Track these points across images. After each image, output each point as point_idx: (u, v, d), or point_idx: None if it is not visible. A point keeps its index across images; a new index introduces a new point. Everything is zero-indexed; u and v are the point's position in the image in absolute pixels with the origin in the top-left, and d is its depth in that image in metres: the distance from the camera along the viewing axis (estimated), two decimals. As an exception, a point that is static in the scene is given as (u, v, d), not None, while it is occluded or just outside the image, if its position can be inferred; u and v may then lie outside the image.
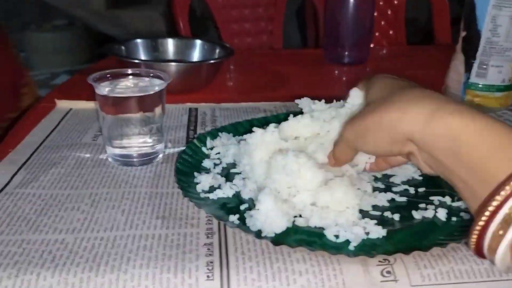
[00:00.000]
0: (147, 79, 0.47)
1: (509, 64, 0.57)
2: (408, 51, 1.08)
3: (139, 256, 0.31)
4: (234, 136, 0.49)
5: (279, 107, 0.62)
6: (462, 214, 0.36)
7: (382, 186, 0.41)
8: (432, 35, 1.20)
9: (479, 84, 0.59)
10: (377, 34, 1.28)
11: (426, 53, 0.97)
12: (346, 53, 0.83)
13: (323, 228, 0.34)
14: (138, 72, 0.48)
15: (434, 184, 0.41)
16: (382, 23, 1.28)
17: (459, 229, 0.35)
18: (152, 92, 0.44)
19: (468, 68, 0.59)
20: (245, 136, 0.42)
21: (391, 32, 1.28)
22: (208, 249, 0.32)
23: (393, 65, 0.86)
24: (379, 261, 0.31)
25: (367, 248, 0.32)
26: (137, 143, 0.45)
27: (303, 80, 0.77)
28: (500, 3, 0.54)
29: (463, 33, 0.59)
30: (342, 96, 0.42)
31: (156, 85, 0.45)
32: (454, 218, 0.36)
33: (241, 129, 0.51)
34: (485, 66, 0.58)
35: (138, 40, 0.72)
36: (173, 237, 0.33)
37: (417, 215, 0.37)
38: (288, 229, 0.34)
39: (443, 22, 1.17)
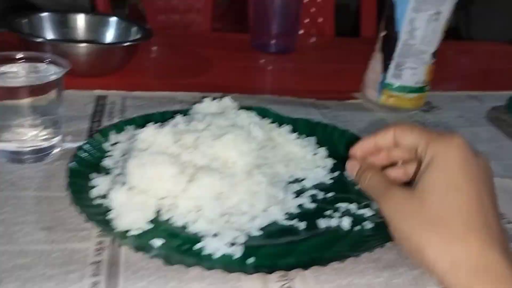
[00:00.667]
0: (42, 65, 0.42)
1: (423, 66, 0.59)
2: (335, 42, 1.08)
3: (14, 278, 0.28)
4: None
5: (198, 98, 0.59)
6: (364, 223, 0.36)
7: (295, 190, 0.40)
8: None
9: (394, 85, 0.60)
10: (306, 21, 1.28)
11: (352, 46, 0.98)
12: (273, 41, 0.81)
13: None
14: (32, 55, 0.42)
15: (342, 189, 0.41)
16: (312, 9, 1.28)
17: (361, 239, 0.35)
18: (45, 82, 0.39)
19: (385, 68, 0.60)
20: (137, 131, 0.39)
21: (320, 20, 1.28)
22: (96, 268, 0.29)
23: (319, 57, 0.86)
24: (279, 277, 0.30)
25: (268, 262, 0.31)
26: (27, 136, 0.40)
27: (227, 67, 0.74)
28: (419, 6, 0.55)
29: (382, 33, 0.60)
30: (262, 88, 0.41)
31: (52, 74, 0.40)
32: (357, 228, 0.36)
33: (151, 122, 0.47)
34: (401, 67, 0.59)
35: (44, 14, 0.65)
36: (57, 254, 0.30)
37: (322, 223, 0.36)
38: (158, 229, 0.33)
39: (370, 15, 1.19)
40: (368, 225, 0.36)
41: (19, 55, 0.42)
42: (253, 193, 0.37)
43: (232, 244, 0.33)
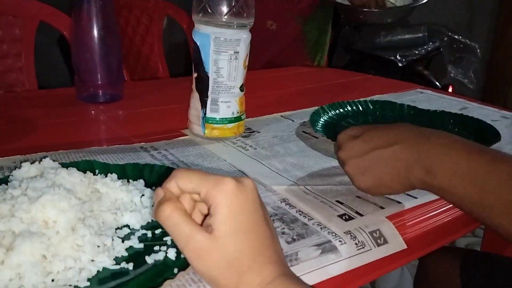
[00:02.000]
0: None
1: (235, 99, 0.67)
2: (169, 84, 1.14)
3: None
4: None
5: (18, 163, 0.57)
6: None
7: (123, 235, 0.43)
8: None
9: (214, 119, 0.67)
10: (138, 67, 1.32)
11: (184, 85, 1.04)
12: (99, 91, 0.83)
13: None
14: None
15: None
16: (142, 54, 1.32)
17: (187, 264, 0.38)
18: None
19: (203, 104, 0.66)
20: None
21: (152, 64, 1.33)
22: None
23: (149, 100, 0.90)
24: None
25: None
26: None
27: (53, 125, 0.73)
28: (218, 48, 0.63)
29: (194, 75, 0.66)
30: (91, 140, 0.42)
31: None
32: (183, 255, 0.40)
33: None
34: (216, 103, 0.66)
35: None
36: None
37: (149, 259, 0.39)
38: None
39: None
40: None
41: None
42: (78, 247, 0.38)
43: (59, 301, 0.33)
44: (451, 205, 0.52)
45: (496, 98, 2.69)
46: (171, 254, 0.40)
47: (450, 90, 1.69)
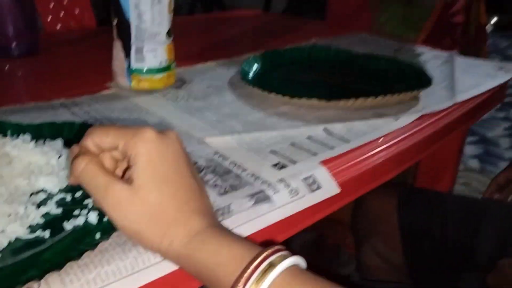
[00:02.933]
0: None
1: (162, 47, 0.62)
2: (93, 33, 1.05)
3: None
4: None
5: None
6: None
7: (39, 200, 0.39)
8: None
9: (140, 69, 0.62)
10: (61, 14, 1.20)
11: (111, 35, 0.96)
12: (13, 44, 0.75)
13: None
14: None
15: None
16: (65, 2, 1.20)
17: (110, 229, 0.36)
18: None
19: (127, 54, 0.61)
20: None
21: (77, 12, 1.22)
22: None
23: (71, 53, 0.83)
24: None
25: (7, 283, 0.30)
26: None
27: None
28: (139, -9, 0.57)
29: (114, 21, 0.60)
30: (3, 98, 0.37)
31: None
32: (105, 219, 0.37)
33: None
34: (141, 51, 0.61)
35: None
36: None
37: (68, 225, 0.36)
38: None
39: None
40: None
41: None
42: (-16, 218, 0.34)
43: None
44: (382, 147, 0.52)
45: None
46: (92, 218, 0.37)
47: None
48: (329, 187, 0.46)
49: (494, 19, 3.23)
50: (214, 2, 2.94)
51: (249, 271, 0.29)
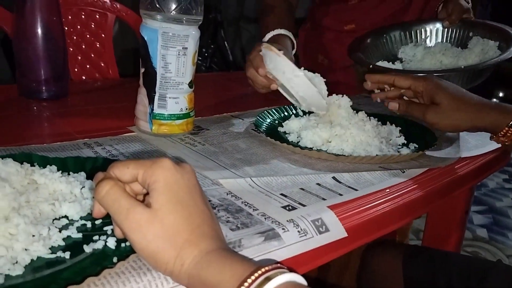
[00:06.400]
0: None
1: (183, 95, 0.66)
2: (117, 83, 1.11)
3: None
4: None
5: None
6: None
7: (62, 225, 0.41)
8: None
9: (162, 115, 0.66)
10: (88, 66, 1.28)
11: (133, 85, 1.02)
12: (43, 88, 0.80)
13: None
14: None
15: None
16: (92, 55, 1.29)
17: (126, 253, 0.38)
18: None
19: (151, 100, 0.66)
20: None
21: (102, 64, 1.30)
22: None
23: (96, 99, 0.88)
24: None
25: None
26: None
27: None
28: (166, 44, 0.62)
29: (142, 70, 0.66)
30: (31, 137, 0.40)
31: None
32: (123, 244, 0.39)
33: None
34: (164, 98, 0.65)
35: None
36: None
37: (87, 248, 0.38)
38: None
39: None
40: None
41: None
42: (11, 236, 0.37)
43: (-13, 290, 0.32)
44: (389, 197, 0.54)
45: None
46: (111, 243, 0.39)
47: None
48: (337, 231, 0.47)
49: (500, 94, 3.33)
50: (230, 65, 3.08)
51: (246, 284, 0.30)
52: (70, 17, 1.23)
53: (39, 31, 0.77)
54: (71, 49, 1.21)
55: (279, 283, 0.30)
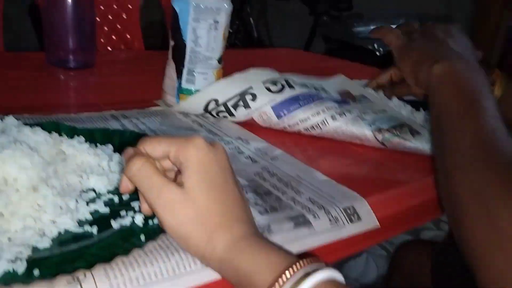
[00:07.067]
0: None
1: (212, 71, 0.65)
2: (142, 56, 1.10)
3: None
4: None
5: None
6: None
7: (89, 198, 0.40)
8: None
9: (191, 89, 0.64)
10: (114, 37, 1.27)
11: (159, 58, 1.01)
12: (71, 57, 0.79)
13: None
14: None
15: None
16: (118, 26, 1.27)
17: (154, 232, 0.37)
18: None
19: (179, 74, 0.64)
20: None
21: (128, 36, 1.28)
22: None
23: (122, 70, 0.87)
24: (66, 282, 0.30)
25: (54, 271, 0.31)
26: None
27: (19, 87, 0.69)
28: (198, 17, 0.60)
29: (171, 43, 0.64)
30: (59, 106, 0.39)
31: None
32: (151, 222, 0.38)
33: None
34: (192, 73, 0.64)
35: None
36: None
37: (115, 224, 0.37)
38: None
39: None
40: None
41: None
42: (38, 207, 0.36)
43: (15, 260, 0.31)
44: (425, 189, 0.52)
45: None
46: (138, 220, 0.38)
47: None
48: (369, 220, 0.45)
49: None
50: (254, 41, 3.03)
51: (283, 278, 0.29)
52: (97, -15, 1.21)
53: (68, 6, 0.76)
54: (98, 20, 1.20)
55: (319, 280, 0.29)
